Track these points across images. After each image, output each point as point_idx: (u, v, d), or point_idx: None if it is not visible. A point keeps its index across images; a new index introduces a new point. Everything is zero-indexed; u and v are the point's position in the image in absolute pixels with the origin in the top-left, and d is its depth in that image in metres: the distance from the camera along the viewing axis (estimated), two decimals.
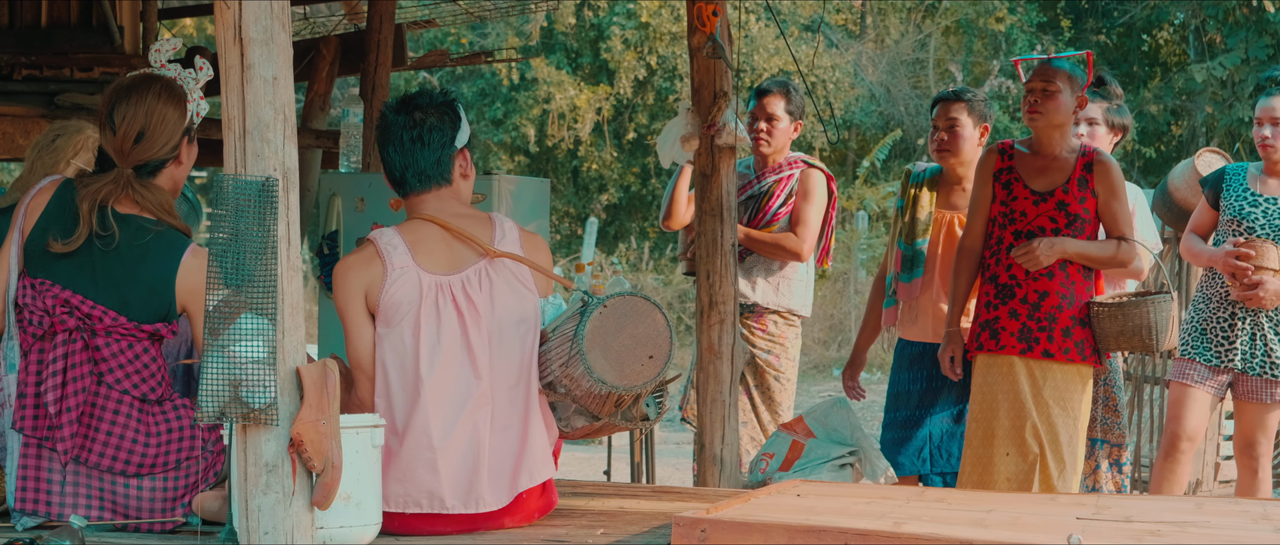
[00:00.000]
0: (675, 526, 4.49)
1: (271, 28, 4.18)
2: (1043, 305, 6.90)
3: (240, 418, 4.20)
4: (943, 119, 7.55)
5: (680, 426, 15.01)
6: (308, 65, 10.54)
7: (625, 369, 4.95)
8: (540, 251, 5.18)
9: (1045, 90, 6.93)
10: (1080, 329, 6.92)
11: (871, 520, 4.53)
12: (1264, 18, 20.73)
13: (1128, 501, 5.36)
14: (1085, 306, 6.94)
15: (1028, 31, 23.42)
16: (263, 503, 4.22)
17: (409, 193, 5.12)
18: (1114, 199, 6.95)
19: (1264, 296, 7.31)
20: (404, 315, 4.93)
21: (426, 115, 5.08)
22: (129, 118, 5.02)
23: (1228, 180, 7.56)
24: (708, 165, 7.13)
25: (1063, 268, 6.92)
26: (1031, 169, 7.01)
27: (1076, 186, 6.93)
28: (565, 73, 23.80)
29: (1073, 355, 6.90)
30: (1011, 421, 6.90)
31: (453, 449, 4.91)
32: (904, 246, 7.58)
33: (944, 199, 7.58)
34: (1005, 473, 6.88)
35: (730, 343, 7.09)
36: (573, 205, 24.67)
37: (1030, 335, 6.90)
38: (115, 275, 4.96)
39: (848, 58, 23.70)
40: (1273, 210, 7.39)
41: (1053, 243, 6.85)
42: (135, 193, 5.02)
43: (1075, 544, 4.25)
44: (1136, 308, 6.84)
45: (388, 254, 4.96)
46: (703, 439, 7.09)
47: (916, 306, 7.55)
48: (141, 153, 5.04)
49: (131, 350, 4.97)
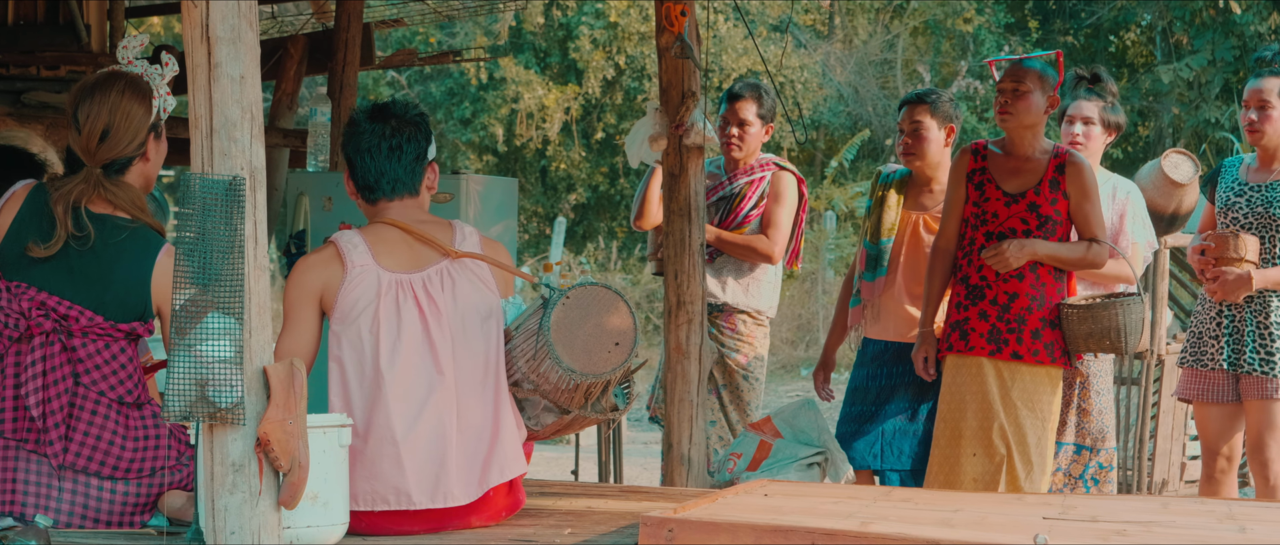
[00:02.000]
0: (642, 526, 4.49)
1: (238, 26, 4.17)
2: (1012, 307, 6.89)
3: (207, 417, 4.19)
4: (907, 122, 7.53)
5: (649, 426, 15.02)
6: (275, 64, 10.52)
7: (592, 357, 4.97)
8: (501, 256, 5.19)
9: (1016, 91, 6.92)
10: (1050, 331, 6.89)
11: (838, 520, 4.53)
12: (1230, 19, 20.80)
13: (1094, 501, 5.37)
14: (1055, 308, 6.91)
15: (995, 32, 23.47)
16: (229, 502, 4.21)
17: (378, 199, 5.13)
18: (1086, 201, 6.92)
19: (1224, 288, 7.12)
20: (361, 311, 4.94)
21: (402, 125, 5.12)
22: (93, 115, 5.02)
23: (1223, 173, 7.41)
24: (676, 165, 7.14)
25: (1033, 269, 6.90)
26: (1004, 170, 6.99)
27: (1048, 188, 6.91)
28: (533, 72, 23.79)
29: (1042, 357, 6.87)
30: (979, 422, 6.89)
31: (416, 443, 4.91)
32: (869, 245, 7.58)
33: (912, 200, 7.57)
34: (971, 473, 6.87)
35: (698, 342, 7.10)
36: (541, 205, 24.66)
37: (999, 336, 6.89)
38: (91, 275, 4.95)
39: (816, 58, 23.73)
40: (1256, 198, 7.20)
41: (1023, 244, 6.83)
42: (107, 192, 5.01)
43: (1042, 544, 4.26)
44: (1105, 309, 6.80)
45: (348, 253, 4.97)
46: (670, 438, 7.10)
47: (879, 305, 7.54)
48: (108, 151, 5.03)
49: (108, 350, 4.97)
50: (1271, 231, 7.14)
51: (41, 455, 4.89)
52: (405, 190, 5.13)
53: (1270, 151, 7.21)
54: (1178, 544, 4.44)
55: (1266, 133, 7.17)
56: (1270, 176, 7.20)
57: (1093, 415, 7.39)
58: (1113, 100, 7.57)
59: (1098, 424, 7.39)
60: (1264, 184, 7.19)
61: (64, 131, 8.61)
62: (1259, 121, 7.17)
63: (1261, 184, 7.19)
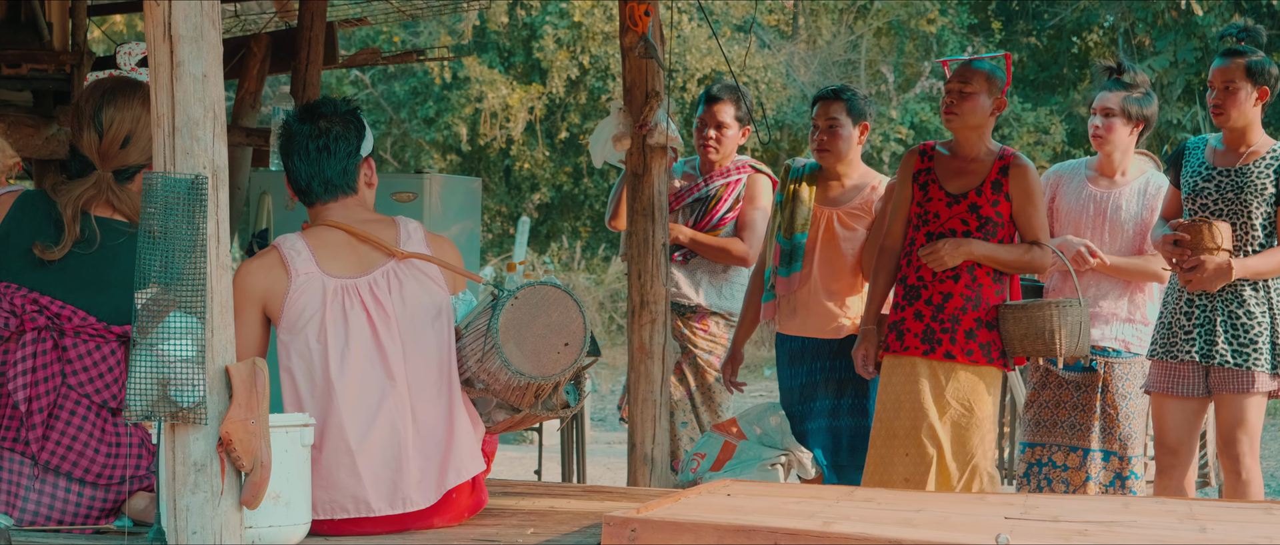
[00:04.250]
0: (605, 526, 4.50)
1: (201, 25, 4.17)
2: (946, 307, 6.86)
3: (168, 416, 4.18)
4: (822, 118, 7.51)
5: (613, 426, 15.01)
6: (238, 63, 10.48)
7: (542, 359, 4.95)
8: (447, 252, 5.16)
9: (962, 91, 6.91)
10: (986, 331, 6.85)
11: (801, 520, 4.54)
12: (1192, 21, 20.88)
13: (1056, 501, 5.39)
14: (993, 309, 6.86)
15: (959, 33, 23.52)
16: (191, 502, 4.20)
17: (315, 201, 5.10)
18: (1028, 203, 6.89)
19: (1203, 278, 6.80)
20: (308, 320, 4.91)
21: (331, 124, 5.07)
22: (117, 121, 5.04)
23: (1187, 155, 7.11)
24: (639, 165, 7.15)
25: (970, 270, 6.87)
26: (948, 171, 6.99)
27: (990, 189, 6.89)
28: (497, 72, 23.75)
29: (976, 357, 6.83)
30: (912, 422, 6.86)
31: (371, 450, 4.89)
32: (783, 241, 7.54)
33: (822, 195, 7.55)
34: (903, 473, 6.84)
35: (661, 342, 7.11)
36: (505, 204, 24.62)
37: (933, 337, 6.87)
38: (86, 277, 4.95)
39: (780, 58, 23.73)
40: (1226, 183, 6.93)
41: (958, 243, 6.82)
42: (113, 197, 5.03)
43: (1003, 543, 4.27)
44: (1039, 310, 6.73)
45: (291, 260, 4.95)
46: (634, 438, 7.11)
47: (795, 301, 7.52)
48: (125, 157, 5.05)
49: (98, 352, 4.96)
50: (1243, 218, 6.89)
51: (20, 453, 4.87)
52: (340, 191, 5.10)
53: (1238, 133, 6.96)
54: (1139, 544, 4.45)
55: (1232, 115, 6.91)
56: (1239, 159, 6.96)
57: (1119, 421, 7.26)
58: (1141, 91, 7.39)
59: (1125, 429, 7.26)
60: (1233, 168, 6.94)
61: (26, 130, 8.61)
62: (1225, 104, 6.91)
63: (1231, 168, 6.94)
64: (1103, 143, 7.40)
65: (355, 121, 5.13)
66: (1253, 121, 6.95)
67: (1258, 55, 6.93)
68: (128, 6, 11.74)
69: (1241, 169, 6.93)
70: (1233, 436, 6.90)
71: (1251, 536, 4.53)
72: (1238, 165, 6.94)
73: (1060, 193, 7.51)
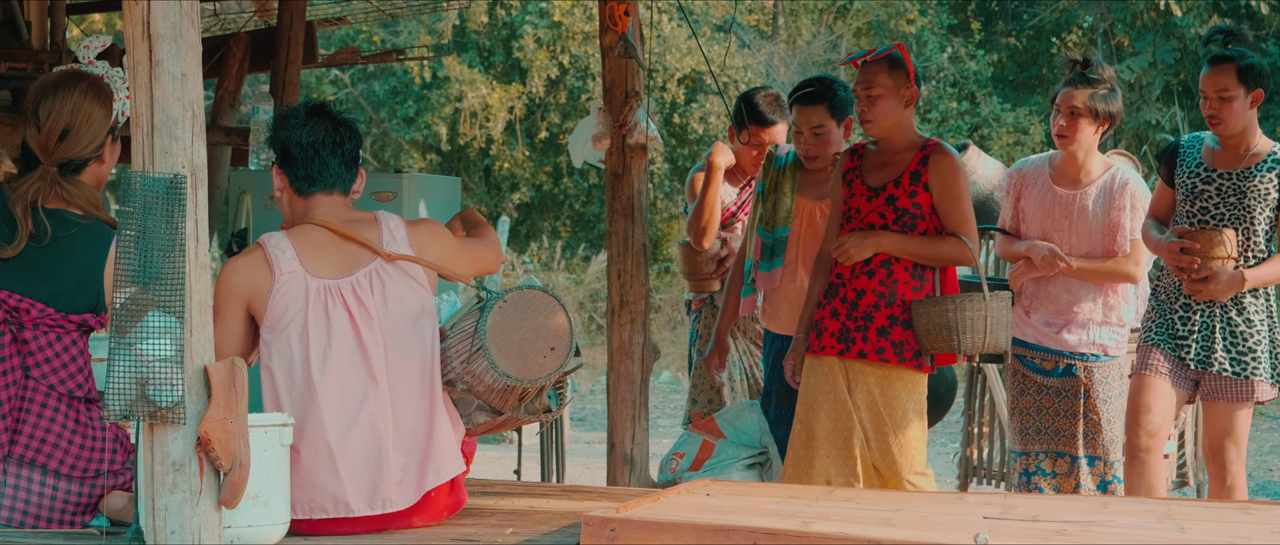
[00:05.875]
0: (584, 526, 4.50)
1: (180, 24, 4.16)
2: (860, 304, 6.59)
3: (147, 416, 4.17)
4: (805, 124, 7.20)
5: (593, 425, 15.00)
6: (217, 62, 10.47)
7: (527, 362, 4.96)
8: (430, 238, 5.15)
9: (868, 96, 6.61)
10: (900, 330, 6.55)
11: (780, 519, 4.55)
12: (1171, 22, 20.92)
13: (1035, 501, 5.40)
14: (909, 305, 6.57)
15: (938, 33, 23.55)
16: (170, 502, 4.20)
17: (315, 191, 5.10)
18: (947, 194, 6.57)
19: (1216, 289, 6.67)
20: (291, 321, 4.92)
21: (339, 124, 5.13)
22: (54, 114, 5.02)
23: (1181, 154, 6.91)
24: (619, 165, 7.15)
25: (886, 265, 6.59)
26: (872, 165, 6.72)
27: (908, 180, 6.60)
28: (477, 71, 23.74)
29: (887, 356, 6.55)
30: (831, 424, 6.62)
31: (351, 451, 4.89)
32: (764, 234, 7.28)
33: (806, 186, 7.27)
34: (822, 476, 6.59)
35: (640, 342, 7.11)
36: (485, 204, 24.60)
37: (847, 335, 6.59)
38: (43, 268, 4.95)
39: (759, 58, 23.75)
40: (1227, 187, 6.75)
41: (866, 236, 6.56)
42: (62, 189, 5.02)
43: (982, 543, 4.28)
44: (937, 306, 6.45)
45: (276, 259, 4.95)
46: (613, 438, 7.10)
47: (778, 296, 7.26)
48: (66, 150, 5.03)
49: (59, 343, 4.96)
50: (1246, 223, 6.74)
51: None
52: (341, 186, 5.13)
53: (1237, 137, 6.77)
54: (1117, 543, 4.46)
55: (1229, 123, 6.72)
56: (1240, 162, 6.78)
57: (1101, 425, 7.05)
58: (1107, 88, 7.06)
59: (1108, 434, 7.06)
60: (1234, 172, 6.76)
61: (4, 129, 8.59)
62: (1221, 113, 6.71)
63: (1232, 172, 6.76)
64: (1067, 142, 7.11)
65: (356, 129, 5.21)
66: (1251, 124, 6.79)
67: (1247, 57, 6.75)
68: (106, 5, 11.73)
69: (1244, 172, 6.77)
70: (1221, 445, 6.80)
71: (1229, 536, 4.54)
72: (1239, 168, 6.78)
73: (1026, 194, 7.26)
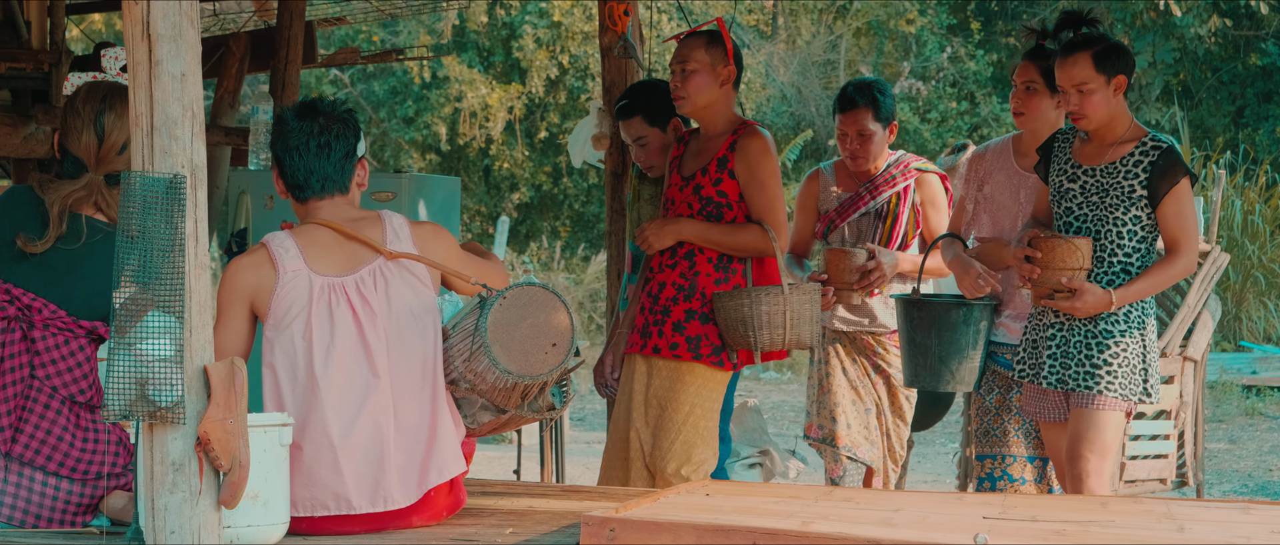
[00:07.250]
0: (584, 526, 4.50)
1: (180, 24, 4.16)
2: (660, 297, 6.33)
3: (147, 416, 4.17)
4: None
5: (593, 425, 14.96)
6: (217, 62, 10.48)
7: (529, 358, 4.95)
8: (434, 240, 5.15)
9: (683, 70, 6.32)
10: (699, 324, 6.25)
11: (780, 519, 4.54)
12: (1171, 22, 20.93)
13: (1034, 501, 5.39)
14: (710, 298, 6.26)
15: (938, 33, 23.57)
16: (169, 502, 4.19)
17: (309, 197, 5.10)
18: (752, 179, 6.25)
19: (1080, 306, 5.92)
20: (294, 318, 4.91)
21: (330, 123, 5.09)
22: (118, 128, 5.07)
23: (1055, 148, 6.21)
24: (618, 165, 7.14)
25: (688, 256, 6.31)
26: (690, 152, 6.46)
27: (715, 168, 6.29)
28: (477, 71, 23.75)
29: (681, 351, 6.26)
30: (625, 424, 6.40)
31: (354, 447, 4.89)
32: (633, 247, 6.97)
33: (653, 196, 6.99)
34: (619, 479, 6.41)
35: None
36: (484, 204, 24.61)
37: (648, 330, 6.35)
38: (61, 270, 4.97)
39: (759, 58, 23.75)
40: (1090, 184, 6.04)
41: (664, 223, 6.29)
42: (101, 199, 5.03)
43: (982, 543, 4.27)
44: (733, 299, 6.14)
45: (280, 258, 4.95)
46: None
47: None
48: (119, 163, 5.06)
49: (67, 346, 4.96)
50: (1107, 224, 5.99)
51: None
52: (335, 188, 5.11)
53: (1103, 130, 6.04)
54: (1116, 543, 4.46)
55: (1094, 118, 5.97)
56: (1104, 156, 6.06)
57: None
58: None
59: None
60: (1098, 167, 6.04)
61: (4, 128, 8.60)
62: (1083, 108, 5.95)
63: (1095, 167, 6.05)
64: (1025, 120, 6.54)
65: (352, 122, 5.16)
66: (1118, 113, 6.04)
67: (1102, 43, 6.02)
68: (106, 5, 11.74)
69: (1106, 168, 6.04)
70: (1077, 452, 6.03)
71: (1229, 536, 4.54)
72: (1103, 163, 6.06)
73: (990, 180, 6.69)
